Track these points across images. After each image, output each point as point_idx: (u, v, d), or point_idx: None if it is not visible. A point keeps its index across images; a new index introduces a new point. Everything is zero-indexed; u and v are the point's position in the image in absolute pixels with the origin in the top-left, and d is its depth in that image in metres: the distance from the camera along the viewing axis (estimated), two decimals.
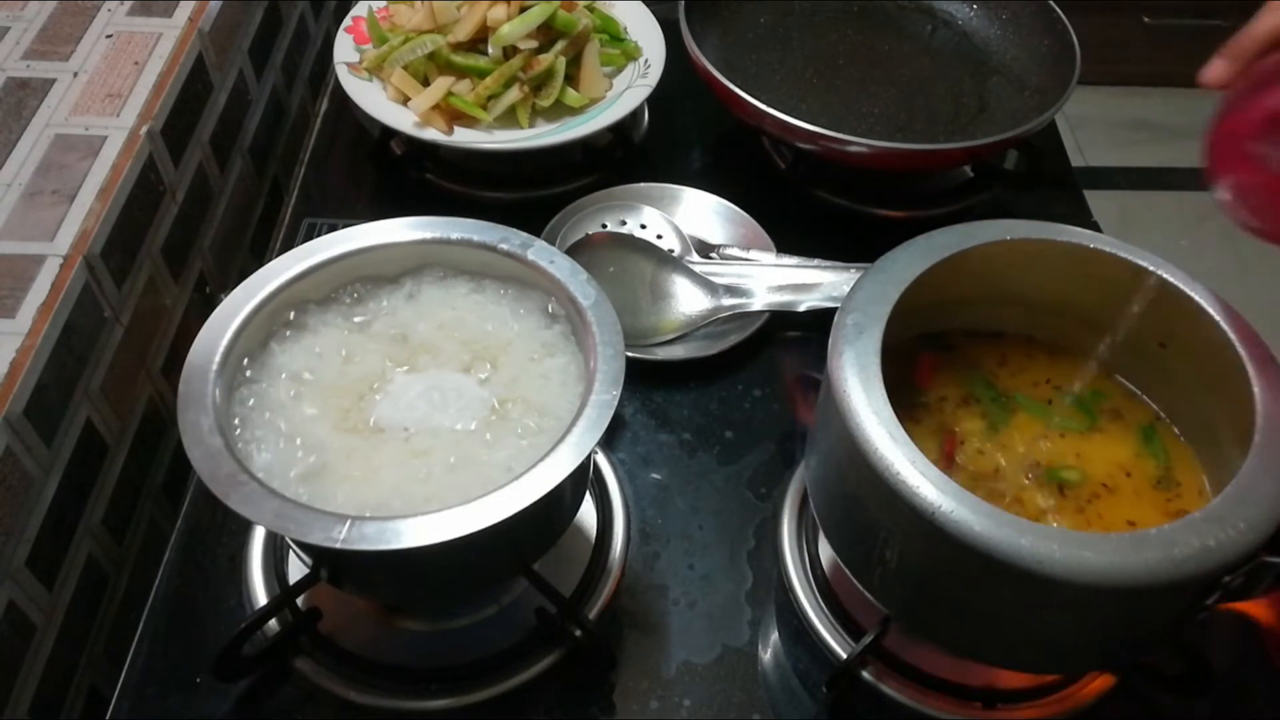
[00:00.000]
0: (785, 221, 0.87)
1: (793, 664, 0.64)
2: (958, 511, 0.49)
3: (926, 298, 0.59)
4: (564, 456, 0.52)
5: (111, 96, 0.76)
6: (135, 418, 0.74)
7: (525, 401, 0.58)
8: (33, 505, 0.62)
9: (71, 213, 0.68)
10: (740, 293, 0.80)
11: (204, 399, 0.54)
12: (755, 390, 0.78)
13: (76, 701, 0.67)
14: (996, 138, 0.84)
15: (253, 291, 0.59)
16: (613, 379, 0.55)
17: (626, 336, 0.57)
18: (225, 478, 0.50)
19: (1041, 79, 0.93)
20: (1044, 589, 0.48)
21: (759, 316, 0.80)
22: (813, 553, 0.68)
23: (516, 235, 0.62)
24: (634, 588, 0.67)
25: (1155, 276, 0.59)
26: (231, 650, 0.58)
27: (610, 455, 0.73)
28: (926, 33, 1.02)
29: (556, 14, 0.89)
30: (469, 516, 0.49)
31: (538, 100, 0.89)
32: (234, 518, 0.64)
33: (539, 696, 0.62)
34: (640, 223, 0.86)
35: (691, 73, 0.90)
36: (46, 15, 0.83)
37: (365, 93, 0.89)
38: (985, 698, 0.62)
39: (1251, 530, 0.48)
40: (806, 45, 1.01)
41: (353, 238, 0.62)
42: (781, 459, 0.74)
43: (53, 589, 0.64)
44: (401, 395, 0.58)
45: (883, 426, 0.52)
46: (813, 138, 0.83)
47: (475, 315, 0.62)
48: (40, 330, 0.62)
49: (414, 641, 0.64)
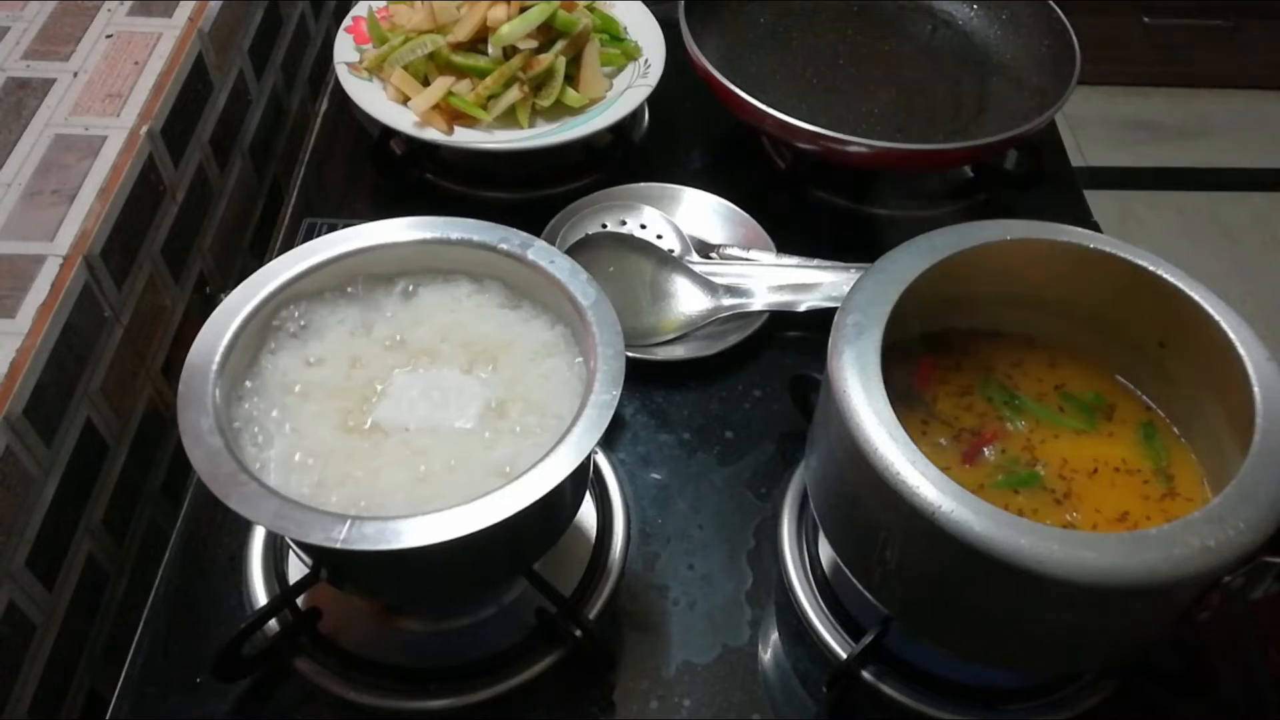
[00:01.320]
0: (785, 221, 0.87)
1: (793, 664, 0.64)
2: (958, 511, 0.49)
3: (926, 298, 0.59)
4: (564, 456, 0.52)
5: (111, 96, 0.76)
6: (135, 418, 0.74)
7: (526, 401, 0.58)
8: (32, 505, 0.62)
9: (71, 213, 0.68)
10: (740, 293, 0.80)
11: (204, 399, 0.54)
12: (755, 390, 0.78)
13: (76, 702, 0.67)
14: (996, 138, 0.84)
15: (253, 291, 0.59)
16: (613, 379, 0.55)
17: (626, 336, 0.57)
18: (225, 478, 0.50)
19: (1041, 79, 0.93)
20: (1044, 589, 0.48)
21: (759, 316, 0.80)
22: (813, 553, 0.68)
23: (516, 235, 0.62)
24: (634, 588, 0.67)
25: (1155, 276, 0.59)
26: (231, 650, 0.58)
27: (610, 455, 0.73)
28: (927, 33, 1.02)
29: (556, 14, 0.89)
30: (469, 516, 0.49)
31: (538, 100, 0.89)
32: (234, 518, 0.64)
33: (539, 696, 0.62)
34: (640, 223, 0.86)
35: (691, 73, 0.90)
36: (46, 15, 0.83)
37: (365, 93, 0.89)
38: (985, 698, 0.62)
39: (1251, 530, 0.48)
40: (806, 45, 1.01)
41: (353, 238, 0.62)
42: (781, 459, 0.74)
43: (53, 589, 0.64)
44: (401, 395, 0.58)
45: (883, 426, 0.52)
46: (813, 138, 0.83)
47: (475, 315, 0.62)
48: (40, 330, 0.62)
49: (414, 641, 0.64)
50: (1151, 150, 2.21)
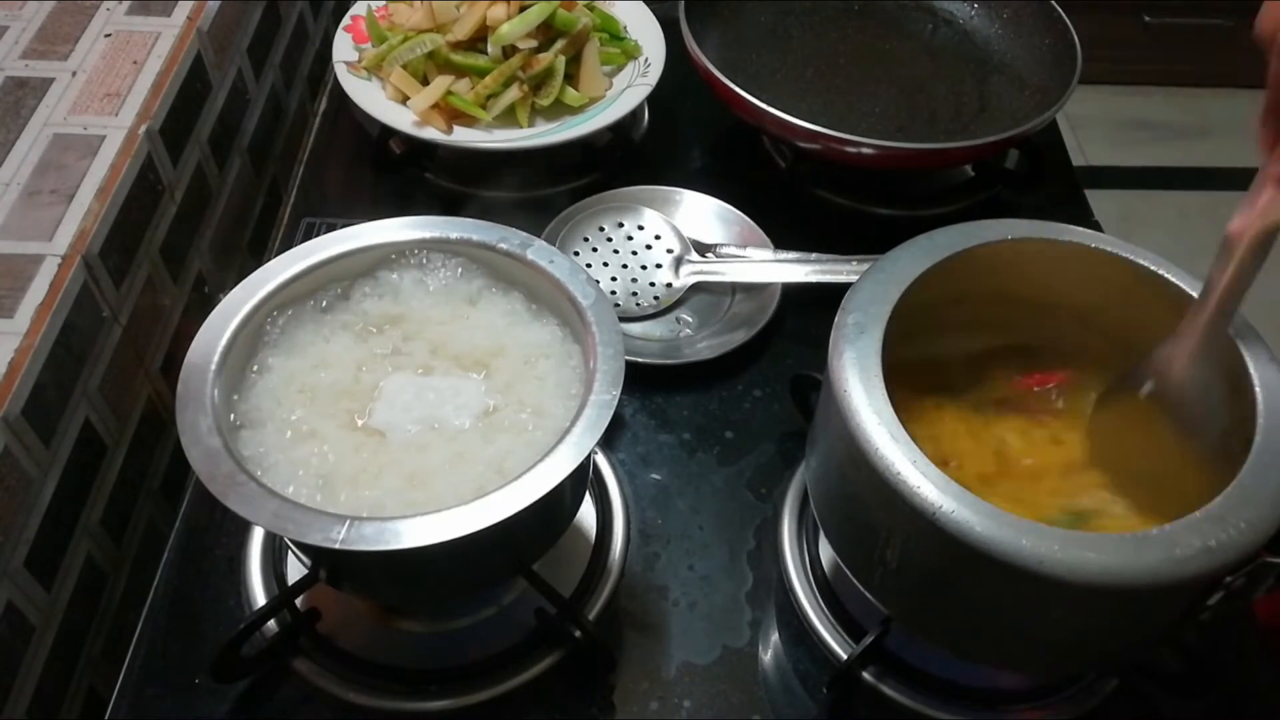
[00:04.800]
0: (785, 221, 0.87)
1: (793, 665, 0.64)
2: (958, 512, 0.49)
3: (927, 297, 0.59)
4: (563, 456, 0.52)
5: (110, 96, 0.76)
6: (134, 418, 0.74)
7: (525, 402, 0.58)
8: (31, 505, 0.62)
9: (70, 212, 0.68)
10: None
11: (203, 399, 0.53)
12: (755, 390, 0.78)
13: (75, 702, 0.67)
14: (997, 137, 0.83)
15: (251, 291, 0.59)
16: (612, 379, 0.55)
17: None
18: (224, 478, 0.50)
19: (1042, 78, 0.93)
20: (1045, 589, 0.48)
21: (761, 317, 0.80)
22: (813, 553, 0.68)
23: (516, 235, 0.62)
24: (634, 588, 0.67)
25: (1156, 276, 0.59)
26: (230, 651, 0.58)
27: (610, 455, 0.73)
28: (927, 32, 1.02)
29: (556, 13, 0.88)
30: (468, 517, 0.49)
31: (537, 99, 0.89)
32: (233, 518, 0.64)
33: (539, 697, 0.62)
34: (639, 224, 0.86)
35: (691, 72, 0.89)
36: (45, 14, 0.83)
37: (364, 92, 0.89)
38: (986, 698, 0.62)
39: (1252, 530, 0.48)
40: (807, 44, 1.01)
41: (352, 237, 0.62)
42: (781, 459, 0.74)
43: (51, 589, 0.64)
44: (400, 395, 0.58)
45: (883, 426, 0.52)
46: (813, 137, 0.82)
47: (474, 315, 0.62)
48: (39, 330, 0.62)
49: (413, 642, 0.64)
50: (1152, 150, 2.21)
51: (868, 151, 0.82)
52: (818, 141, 0.83)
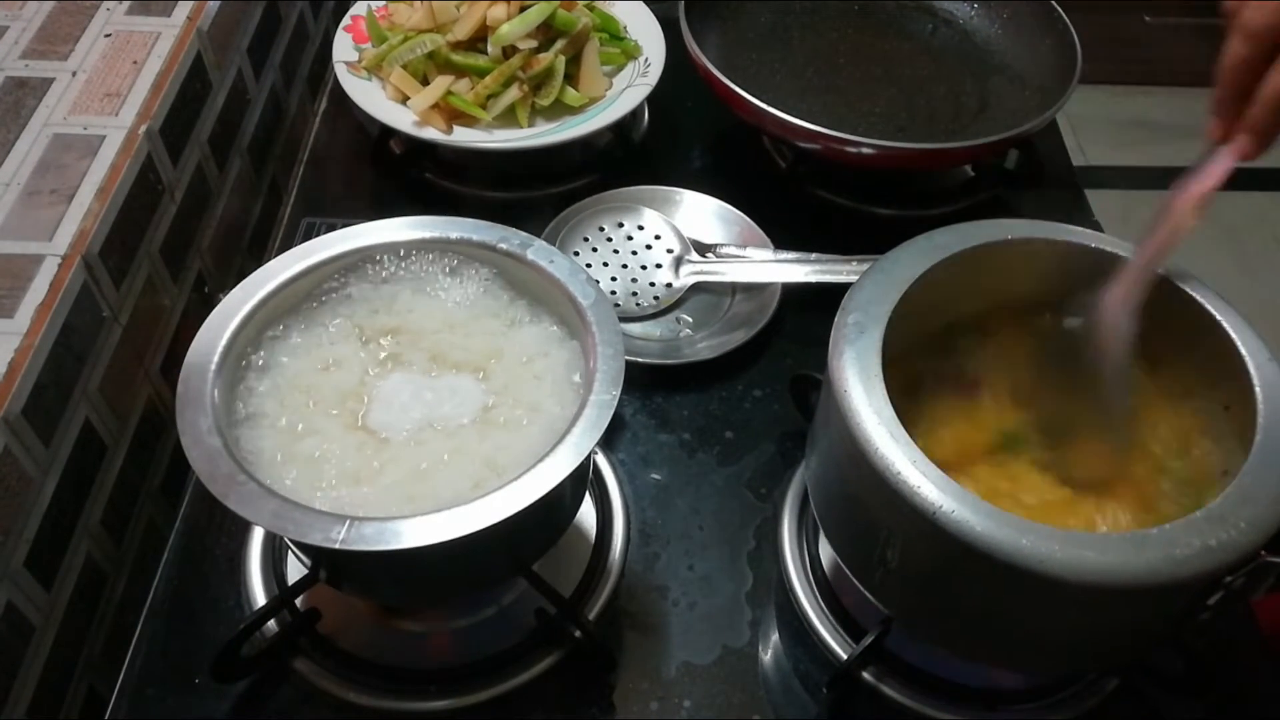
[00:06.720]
0: (785, 221, 0.87)
1: (793, 665, 0.64)
2: (958, 511, 0.49)
3: (927, 297, 0.59)
4: (563, 456, 0.52)
5: (110, 96, 0.76)
6: (134, 418, 0.74)
7: (521, 399, 0.58)
8: (31, 505, 0.62)
9: (70, 212, 0.68)
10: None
11: (203, 399, 0.53)
12: (755, 390, 0.78)
13: (75, 702, 0.67)
14: (997, 137, 0.83)
15: (251, 291, 0.59)
16: (612, 379, 0.55)
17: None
18: (224, 478, 0.50)
19: (1042, 78, 0.93)
20: (1045, 589, 0.48)
21: (761, 317, 0.80)
22: (813, 553, 0.68)
23: (516, 235, 0.62)
24: (634, 588, 0.67)
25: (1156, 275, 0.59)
26: (230, 651, 0.58)
27: (610, 455, 0.73)
28: (927, 32, 1.02)
29: (556, 13, 0.88)
30: (469, 517, 0.49)
31: (537, 99, 0.89)
32: (233, 518, 0.64)
33: (539, 697, 0.62)
34: (639, 224, 0.86)
35: (691, 72, 0.89)
36: (45, 14, 0.83)
37: (364, 92, 0.89)
38: (986, 698, 0.62)
39: (1252, 530, 0.48)
40: (807, 44, 1.01)
41: (351, 237, 0.62)
42: (781, 459, 0.74)
43: (51, 589, 0.64)
44: (398, 395, 0.58)
45: (883, 426, 0.52)
46: (813, 137, 0.82)
47: (473, 315, 0.62)
48: (39, 330, 0.62)
49: (413, 642, 0.64)
50: (1152, 149, 2.21)
51: (868, 151, 0.82)
52: (818, 141, 0.83)
